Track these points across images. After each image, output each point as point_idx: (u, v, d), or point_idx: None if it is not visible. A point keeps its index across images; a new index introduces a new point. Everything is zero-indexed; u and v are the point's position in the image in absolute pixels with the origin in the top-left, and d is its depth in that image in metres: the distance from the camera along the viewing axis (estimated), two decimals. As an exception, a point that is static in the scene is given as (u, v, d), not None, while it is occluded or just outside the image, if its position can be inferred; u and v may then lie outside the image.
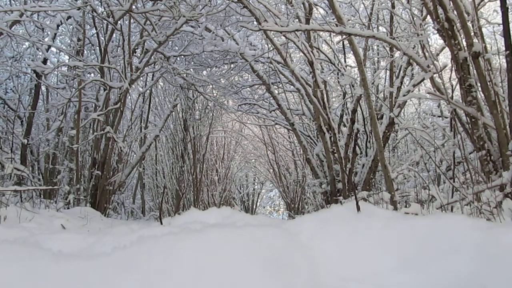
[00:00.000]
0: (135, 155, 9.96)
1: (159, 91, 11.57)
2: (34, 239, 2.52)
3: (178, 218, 3.64)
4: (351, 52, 5.04)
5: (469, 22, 3.54)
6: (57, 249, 1.97)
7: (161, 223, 3.60)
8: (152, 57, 8.21)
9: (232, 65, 8.93)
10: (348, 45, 5.44)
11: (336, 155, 6.84)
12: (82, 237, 2.66)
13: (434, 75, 4.03)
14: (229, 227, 2.08)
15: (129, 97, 9.95)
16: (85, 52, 8.87)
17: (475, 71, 3.45)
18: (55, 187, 7.64)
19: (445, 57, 8.66)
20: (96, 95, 8.50)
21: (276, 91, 8.82)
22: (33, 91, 8.73)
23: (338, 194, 6.84)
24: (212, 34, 7.69)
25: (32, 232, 2.97)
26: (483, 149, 3.44)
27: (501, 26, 3.25)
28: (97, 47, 8.35)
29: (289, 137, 12.66)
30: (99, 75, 7.97)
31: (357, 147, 7.44)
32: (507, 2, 3.27)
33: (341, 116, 7.88)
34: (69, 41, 9.29)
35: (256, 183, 19.45)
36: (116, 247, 1.96)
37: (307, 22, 6.61)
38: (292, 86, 8.36)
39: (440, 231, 1.92)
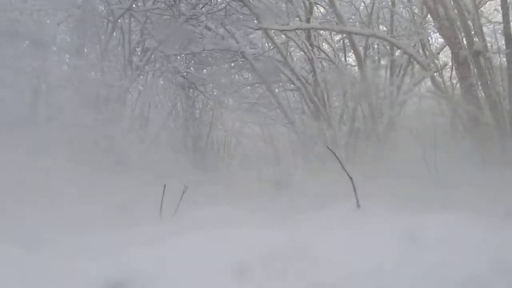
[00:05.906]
0: (135, 154, 9.93)
1: (160, 89, 11.53)
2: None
3: (178, 216, 3.64)
4: (352, 50, 5.04)
5: (470, 21, 3.54)
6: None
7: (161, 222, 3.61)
8: (153, 56, 8.19)
9: (232, 64, 8.92)
10: (349, 43, 5.44)
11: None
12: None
13: (435, 74, 4.04)
14: (230, 226, 2.09)
15: (129, 95, 9.92)
16: (86, 50, 8.84)
17: (475, 69, 3.45)
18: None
19: (445, 55, 8.63)
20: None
21: (277, 90, 8.80)
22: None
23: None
24: (213, 32, 7.68)
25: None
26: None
27: (502, 25, 3.26)
28: (98, 46, 8.32)
29: (290, 136, 12.61)
30: (99, 73, 7.95)
31: (357, 146, 7.42)
32: (508, 1, 3.27)
33: (341, 114, 7.86)
34: (69, 40, 9.26)
35: (256, 182, 19.40)
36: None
37: (308, 21, 6.60)
38: (292, 85, 8.34)
39: (441, 229, 1.93)
